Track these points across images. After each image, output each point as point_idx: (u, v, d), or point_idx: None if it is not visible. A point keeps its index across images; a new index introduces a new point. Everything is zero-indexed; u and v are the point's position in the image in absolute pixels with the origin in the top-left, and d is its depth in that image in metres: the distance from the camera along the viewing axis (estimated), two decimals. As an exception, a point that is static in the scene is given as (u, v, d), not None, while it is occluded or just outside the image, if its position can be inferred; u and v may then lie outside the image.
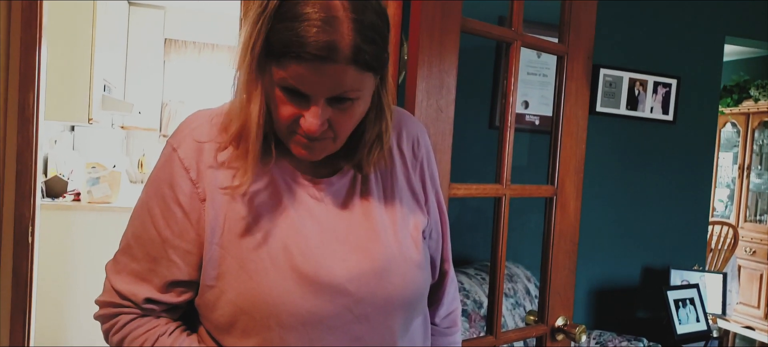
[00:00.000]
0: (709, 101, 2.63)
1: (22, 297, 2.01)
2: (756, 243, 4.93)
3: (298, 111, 0.72)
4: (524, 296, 2.08)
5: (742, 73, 5.14)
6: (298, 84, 0.70)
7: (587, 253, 2.26)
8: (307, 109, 0.72)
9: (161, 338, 0.80)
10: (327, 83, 0.69)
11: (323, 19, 0.66)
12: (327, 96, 0.71)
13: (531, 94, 2.28)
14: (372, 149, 0.81)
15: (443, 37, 1.21)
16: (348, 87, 0.70)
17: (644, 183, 2.53)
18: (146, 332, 0.81)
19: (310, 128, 0.71)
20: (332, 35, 0.66)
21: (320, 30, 0.66)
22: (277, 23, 0.68)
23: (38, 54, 1.98)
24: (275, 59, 0.69)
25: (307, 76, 0.68)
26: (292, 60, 0.68)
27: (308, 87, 0.70)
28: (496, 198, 1.36)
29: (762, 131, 5.01)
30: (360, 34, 0.68)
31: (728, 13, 2.62)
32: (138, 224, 0.81)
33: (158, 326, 0.81)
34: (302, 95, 0.71)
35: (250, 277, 0.75)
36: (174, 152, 0.79)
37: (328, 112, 0.72)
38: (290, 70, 0.69)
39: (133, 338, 0.80)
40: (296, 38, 0.66)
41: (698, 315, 2.44)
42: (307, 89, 0.70)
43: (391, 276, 0.81)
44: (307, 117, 0.72)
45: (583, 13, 1.44)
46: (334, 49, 0.67)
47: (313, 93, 0.70)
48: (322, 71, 0.68)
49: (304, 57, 0.67)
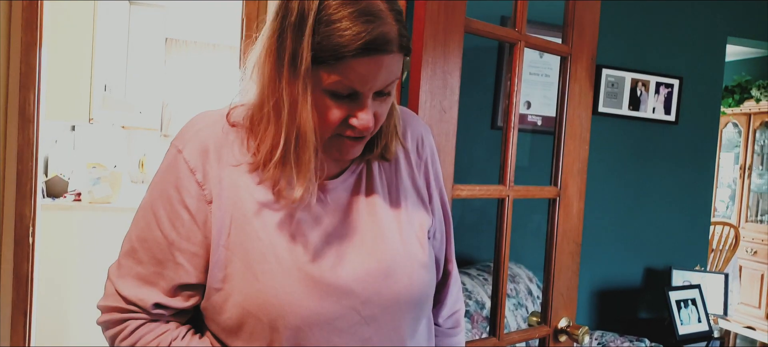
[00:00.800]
0: (711, 102, 2.62)
1: (22, 298, 2.01)
2: (757, 243, 4.92)
3: (347, 112, 0.73)
4: (526, 296, 2.07)
5: (743, 73, 5.14)
6: (357, 83, 0.70)
7: (589, 254, 2.25)
8: (359, 107, 0.73)
9: (174, 342, 0.79)
10: (383, 75, 0.71)
11: (370, 13, 0.68)
12: (379, 89, 0.72)
13: (533, 94, 2.28)
14: (393, 136, 0.83)
15: (447, 38, 1.20)
16: (395, 74, 0.73)
17: (646, 184, 2.53)
18: (158, 336, 0.79)
19: (368, 125, 0.73)
20: (383, 27, 0.69)
21: (372, 24, 0.68)
22: (323, 27, 0.68)
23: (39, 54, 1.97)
24: (326, 64, 0.69)
25: (366, 73, 0.70)
26: (351, 59, 0.68)
27: (366, 84, 0.71)
28: (500, 199, 1.36)
29: (763, 131, 5.01)
30: (399, 21, 0.71)
31: (730, 14, 2.62)
32: (143, 226, 0.80)
33: (169, 330, 0.80)
34: (353, 95, 0.72)
35: (257, 279, 0.75)
36: (179, 153, 0.78)
37: (374, 105, 0.74)
38: (348, 71, 0.69)
39: (145, 343, 0.79)
40: (353, 37, 0.67)
41: (700, 316, 2.43)
42: (363, 86, 0.71)
43: (397, 276, 0.81)
44: (361, 116, 0.73)
45: (587, 13, 1.44)
46: (388, 40, 0.70)
47: (369, 89, 0.72)
48: (380, 63, 0.70)
49: (365, 53, 0.68)
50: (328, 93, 0.72)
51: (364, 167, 0.86)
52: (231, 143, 0.79)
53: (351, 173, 0.84)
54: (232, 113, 0.81)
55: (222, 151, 0.78)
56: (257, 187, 0.78)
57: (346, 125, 0.74)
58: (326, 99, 0.72)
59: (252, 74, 0.77)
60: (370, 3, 0.69)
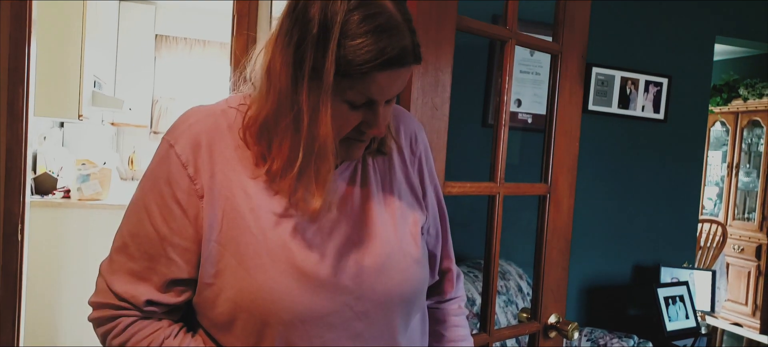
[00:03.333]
0: (699, 100, 2.65)
1: (11, 296, 1.99)
2: (744, 241, 4.98)
3: (361, 118, 0.75)
4: (516, 293, 2.09)
5: (731, 72, 5.19)
6: (377, 94, 0.73)
7: (579, 251, 2.27)
8: (374, 114, 0.75)
9: (167, 340, 0.79)
10: (398, 85, 0.75)
11: (391, 27, 0.70)
12: (391, 97, 0.75)
13: (524, 92, 2.29)
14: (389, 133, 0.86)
15: (439, 35, 1.21)
16: (405, 84, 0.76)
17: (635, 181, 2.55)
18: (151, 334, 0.79)
19: (381, 130, 0.76)
20: (403, 41, 0.71)
21: (394, 39, 0.70)
22: (348, 42, 0.69)
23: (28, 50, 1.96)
24: (349, 77, 0.70)
25: (386, 85, 0.72)
26: (375, 73, 0.70)
27: (384, 95, 0.73)
28: (490, 196, 1.37)
29: (750, 130, 5.06)
30: (412, 32, 0.73)
31: (718, 14, 2.65)
32: (134, 221, 0.79)
33: (162, 327, 0.80)
34: (369, 103, 0.74)
35: (249, 274, 0.75)
36: (171, 148, 0.78)
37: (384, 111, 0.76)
38: (370, 83, 0.71)
39: (136, 340, 0.79)
40: (378, 53, 0.69)
41: (687, 312, 2.46)
42: (381, 97, 0.73)
43: (390, 272, 0.81)
44: (373, 122, 0.75)
45: (577, 12, 1.45)
46: (406, 53, 0.72)
47: (384, 98, 0.74)
48: (399, 76, 0.73)
49: (387, 67, 0.71)
50: (346, 103, 0.73)
51: (358, 164, 0.86)
52: (224, 138, 0.79)
53: (346, 168, 0.85)
54: (227, 108, 0.81)
55: (214, 146, 0.78)
56: (250, 182, 0.78)
57: (358, 130, 0.77)
58: (344, 108, 0.74)
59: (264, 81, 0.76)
60: (390, 17, 0.70)
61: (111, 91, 4.89)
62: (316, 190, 0.75)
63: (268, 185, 0.78)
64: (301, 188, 0.76)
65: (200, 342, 0.81)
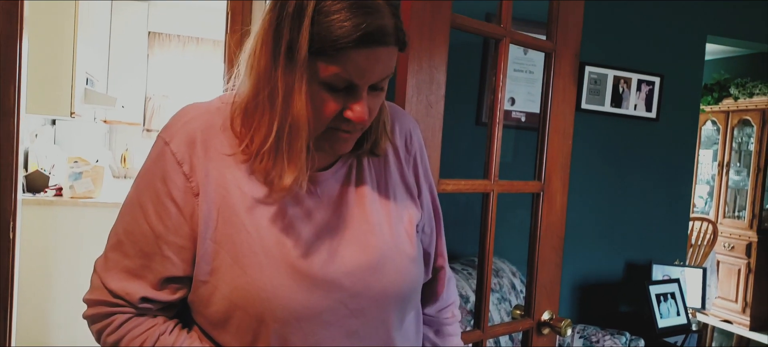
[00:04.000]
0: (690, 99, 2.67)
1: (3, 295, 1.98)
2: (734, 239, 5.02)
3: (342, 104, 0.73)
4: (510, 290, 2.10)
5: (722, 71, 5.23)
6: (355, 75, 0.70)
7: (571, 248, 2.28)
8: (354, 100, 0.73)
9: (162, 337, 0.79)
10: (380, 68, 0.72)
11: (369, 5, 0.69)
12: (374, 82, 0.73)
13: (517, 91, 2.30)
14: (382, 132, 0.84)
15: (433, 33, 1.21)
16: (390, 69, 0.73)
17: (627, 179, 2.57)
18: (145, 331, 0.79)
19: (362, 117, 0.73)
20: (381, 19, 0.69)
21: (371, 17, 0.68)
22: (323, 18, 0.68)
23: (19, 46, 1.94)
24: (324, 55, 0.69)
25: (364, 65, 0.70)
26: (350, 50, 0.68)
27: (363, 76, 0.71)
28: (485, 194, 1.38)
29: (741, 128, 5.11)
30: (395, 15, 0.72)
31: (710, 13, 2.67)
32: (129, 219, 0.79)
33: (157, 324, 0.80)
34: (349, 87, 0.72)
35: (244, 272, 0.75)
36: (166, 145, 0.78)
37: (368, 100, 0.74)
38: (346, 62, 0.69)
39: (131, 338, 0.79)
40: (353, 28, 0.68)
41: (679, 309, 2.48)
42: (360, 79, 0.71)
43: (385, 270, 0.81)
44: (355, 108, 0.73)
45: (571, 11, 1.46)
46: (386, 32, 0.70)
47: (365, 82, 0.72)
48: (378, 56, 0.70)
49: (364, 44, 0.68)
50: (325, 85, 0.72)
51: (353, 161, 0.86)
52: (219, 136, 0.79)
53: (341, 166, 0.85)
54: (222, 106, 0.81)
55: (210, 143, 0.78)
56: (246, 179, 0.78)
57: (341, 119, 0.74)
58: (322, 92, 0.72)
59: (246, 67, 0.77)
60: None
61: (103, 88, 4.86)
62: (288, 167, 0.74)
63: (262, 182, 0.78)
64: (275, 167, 0.75)
65: (195, 339, 0.81)
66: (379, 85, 0.75)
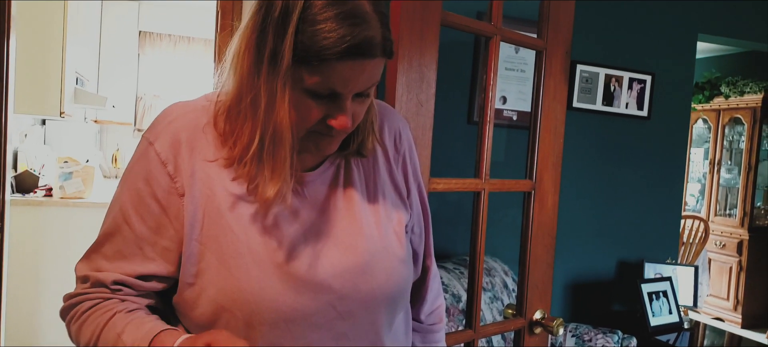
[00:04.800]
0: (682, 97, 2.68)
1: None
2: (726, 237, 5.05)
3: (326, 112, 0.72)
4: (502, 289, 2.10)
5: (713, 70, 5.26)
6: (338, 85, 0.69)
7: (563, 247, 2.29)
8: (338, 109, 0.72)
9: (118, 315, 0.75)
10: (365, 79, 0.70)
11: (356, 16, 0.67)
12: (360, 91, 0.71)
13: (509, 89, 2.30)
14: (369, 132, 0.83)
15: (424, 31, 1.20)
16: (376, 78, 0.72)
17: (619, 178, 2.57)
18: (107, 310, 0.76)
19: (345, 125, 0.72)
20: (368, 31, 0.67)
21: (358, 28, 0.67)
22: (308, 27, 0.66)
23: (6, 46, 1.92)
24: (308, 65, 0.68)
25: (348, 76, 0.69)
26: (334, 62, 0.67)
27: (347, 86, 0.70)
28: (476, 193, 1.37)
29: (732, 127, 5.13)
30: (384, 25, 0.70)
31: (701, 12, 2.68)
32: (110, 221, 0.78)
33: (117, 305, 0.76)
34: (333, 95, 0.71)
35: (231, 274, 0.74)
36: (150, 145, 0.77)
37: (353, 106, 0.73)
38: (330, 72, 0.68)
39: (90, 322, 0.75)
40: (338, 40, 0.66)
41: (671, 307, 2.49)
42: (344, 89, 0.70)
43: (374, 272, 0.80)
44: (339, 117, 0.72)
45: (562, 9, 1.45)
46: (373, 44, 0.68)
47: (349, 91, 0.70)
48: (363, 67, 0.69)
49: (349, 57, 0.67)
50: (308, 93, 0.71)
51: (341, 162, 0.85)
52: (205, 136, 0.78)
53: (329, 166, 0.84)
54: (207, 104, 0.80)
55: (195, 143, 0.77)
56: (232, 180, 0.77)
57: (324, 124, 0.73)
58: (305, 98, 0.71)
59: (230, 67, 0.75)
60: (356, 4, 0.67)
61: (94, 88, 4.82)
62: (272, 177, 0.73)
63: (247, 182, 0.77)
64: (259, 174, 0.74)
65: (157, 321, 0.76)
66: (365, 92, 0.74)
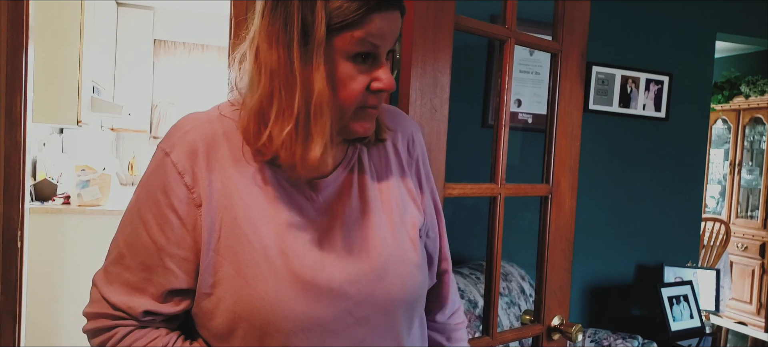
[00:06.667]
0: (700, 98, 2.63)
1: (11, 303, 1.98)
2: (748, 239, 4.96)
3: (369, 77, 0.75)
4: (519, 295, 2.07)
5: (732, 69, 5.17)
6: (378, 38, 0.73)
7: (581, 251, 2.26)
8: (378, 68, 0.76)
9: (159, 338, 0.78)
10: (395, 31, 0.76)
11: None
12: (390, 47, 0.76)
13: (523, 92, 2.28)
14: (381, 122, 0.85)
15: (437, 35, 1.19)
16: (398, 34, 0.77)
17: (637, 180, 2.53)
18: (150, 342, 0.78)
19: (391, 83, 0.76)
20: None
21: None
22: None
23: (25, 56, 1.95)
24: (347, 26, 0.71)
25: (384, 28, 0.74)
26: (372, 14, 0.72)
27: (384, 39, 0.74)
28: (491, 197, 1.35)
29: (753, 127, 5.04)
30: None
31: (719, 10, 2.63)
32: (130, 232, 0.78)
33: (160, 336, 0.78)
34: (370, 56, 0.75)
35: (248, 283, 0.74)
36: (167, 156, 0.77)
37: None
38: (372, 25, 0.72)
39: None
40: None
41: (692, 312, 2.44)
42: (382, 43, 0.74)
43: (389, 276, 0.80)
44: (382, 76, 0.75)
45: (577, 10, 1.43)
46: None
47: (385, 46, 0.75)
48: (393, 18, 0.75)
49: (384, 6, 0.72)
50: (350, 57, 0.73)
51: (355, 165, 0.85)
52: (222, 145, 0.78)
53: (342, 172, 0.83)
54: (220, 114, 0.80)
55: (211, 153, 0.77)
56: (248, 189, 0.77)
57: (367, 94, 0.76)
58: (348, 66, 0.74)
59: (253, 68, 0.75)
60: None
61: (110, 96, 4.88)
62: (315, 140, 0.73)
63: (265, 192, 0.77)
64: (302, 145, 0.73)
65: None
66: (388, 55, 0.78)
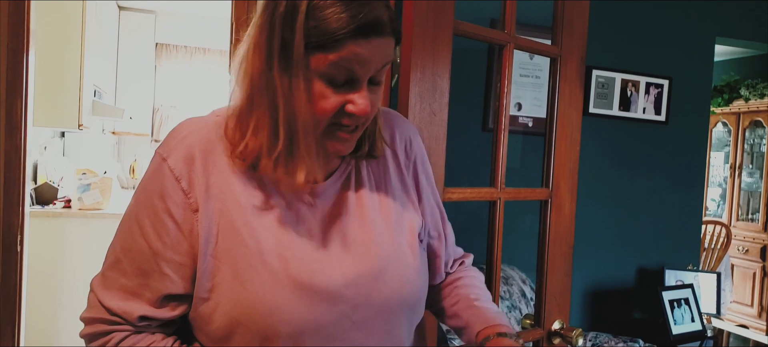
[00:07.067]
0: (700, 101, 2.64)
1: (11, 307, 1.98)
2: (749, 242, 4.95)
3: (343, 99, 0.73)
4: (520, 298, 2.07)
5: (732, 73, 5.17)
6: (355, 64, 0.70)
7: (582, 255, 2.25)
8: (355, 91, 0.73)
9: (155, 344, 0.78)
10: (378, 58, 0.72)
11: None
12: (373, 73, 0.73)
13: (524, 95, 2.28)
14: (379, 135, 0.84)
15: (436, 40, 1.19)
16: (387, 59, 0.74)
17: (638, 184, 2.53)
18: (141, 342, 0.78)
19: (365, 109, 0.72)
20: (376, 10, 0.70)
21: (366, 7, 0.69)
22: (318, 13, 0.69)
23: (26, 59, 1.95)
24: (322, 48, 0.69)
25: (363, 55, 0.70)
26: (348, 41, 0.69)
27: (363, 66, 0.71)
28: (491, 202, 1.35)
29: (753, 130, 5.04)
30: (388, 8, 0.73)
31: (718, 14, 2.64)
32: (127, 236, 0.78)
33: (155, 341, 0.79)
34: (350, 80, 0.72)
35: (245, 287, 0.74)
36: (164, 161, 0.77)
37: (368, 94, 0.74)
38: (346, 52, 0.69)
39: None
40: (350, 19, 0.68)
41: (693, 315, 2.44)
42: (361, 68, 0.71)
43: (387, 280, 0.80)
44: (357, 100, 0.72)
45: (576, 14, 1.44)
46: (382, 22, 0.71)
47: (365, 72, 0.72)
48: (375, 46, 0.71)
49: (362, 35, 0.69)
50: (325, 78, 0.71)
51: (352, 171, 0.85)
52: (217, 150, 0.78)
53: (340, 177, 0.83)
54: (217, 118, 0.80)
55: (208, 158, 0.77)
56: (245, 193, 0.77)
57: (342, 114, 0.74)
58: (322, 86, 0.72)
59: (239, 72, 0.76)
60: None
61: (111, 100, 4.89)
62: (300, 164, 0.74)
63: (262, 195, 0.77)
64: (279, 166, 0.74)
65: None
66: (377, 79, 0.75)
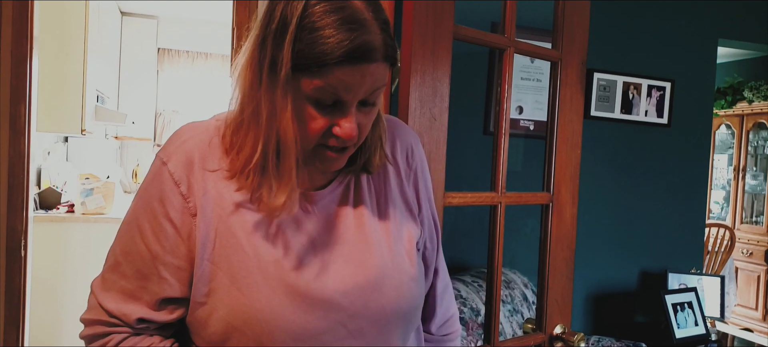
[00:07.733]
0: (703, 103, 2.63)
1: (15, 311, 1.99)
2: (753, 245, 4.93)
3: (330, 121, 0.72)
4: (522, 302, 2.07)
5: (735, 74, 5.16)
6: (341, 90, 0.69)
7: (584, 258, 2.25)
8: (342, 116, 0.71)
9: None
10: (367, 84, 0.70)
11: (354, 21, 0.68)
12: (362, 98, 0.72)
13: (525, 99, 2.28)
14: (377, 148, 0.82)
15: (436, 45, 1.20)
16: (379, 84, 0.72)
17: (640, 187, 2.53)
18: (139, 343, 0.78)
19: (351, 134, 0.71)
20: (367, 36, 0.68)
21: (356, 33, 0.68)
22: (307, 34, 0.68)
23: (29, 65, 1.96)
24: (308, 71, 0.69)
25: (350, 81, 0.69)
26: (334, 67, 0.68)
27: (350, 92, 0.70)
28: (492, 206, 1.35)
29: (756, 132, 5.03)
30: (384, 31, 0.71)
31: (721, 16, 2.63)
32: (127, 240, 0.79)
33: (153, 343, 0.79)
34: (337, 103, 0.71)
35: (242, 293, 0.74)
36: (164, 165, 0.77)
37: (358, 116, 0.73)
38: (331, 77, 0.68)
39: None
40: (337, 45, 0.67)
41: (697, 319, 2.43)
42: (347, 95, 0.70)
43: (384, 289, 0.79)
44: (343, 124, 0.71)
45: (576, 17, 1.44)
46: (372, 48, 0.69)
47: (352, 97, 0.70)
48: (364, 72, 0.69)
49: (349, 61, 0.67)
50: (311, 101, 0.71)
51: (352, 178, 0.84)
52: (217, 155, 0.78)
53: (339, 184, 0.83)
54: (217, 123, 0.80)
55: (207, 163, 0.77)
56: (242, 199, 0.77)
57: (329, 135, 0.73)
58: (309, 107, 0.71)
59: (235, 82, 0.77)
60: (355, 12, 0.68)
61: (114, 105, 4.91)
62: (279, 187, 0.74)
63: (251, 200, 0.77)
64: (264, 186, 0.75)
65: None
66: (370, 101, 0.73)
